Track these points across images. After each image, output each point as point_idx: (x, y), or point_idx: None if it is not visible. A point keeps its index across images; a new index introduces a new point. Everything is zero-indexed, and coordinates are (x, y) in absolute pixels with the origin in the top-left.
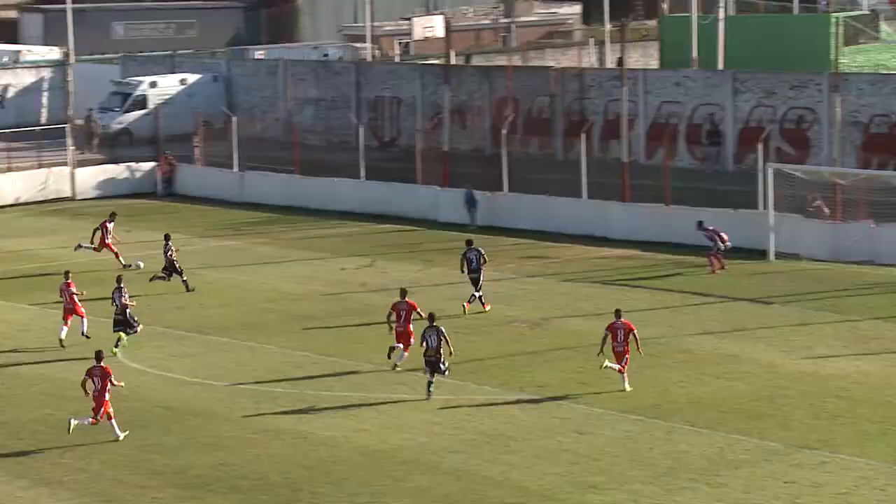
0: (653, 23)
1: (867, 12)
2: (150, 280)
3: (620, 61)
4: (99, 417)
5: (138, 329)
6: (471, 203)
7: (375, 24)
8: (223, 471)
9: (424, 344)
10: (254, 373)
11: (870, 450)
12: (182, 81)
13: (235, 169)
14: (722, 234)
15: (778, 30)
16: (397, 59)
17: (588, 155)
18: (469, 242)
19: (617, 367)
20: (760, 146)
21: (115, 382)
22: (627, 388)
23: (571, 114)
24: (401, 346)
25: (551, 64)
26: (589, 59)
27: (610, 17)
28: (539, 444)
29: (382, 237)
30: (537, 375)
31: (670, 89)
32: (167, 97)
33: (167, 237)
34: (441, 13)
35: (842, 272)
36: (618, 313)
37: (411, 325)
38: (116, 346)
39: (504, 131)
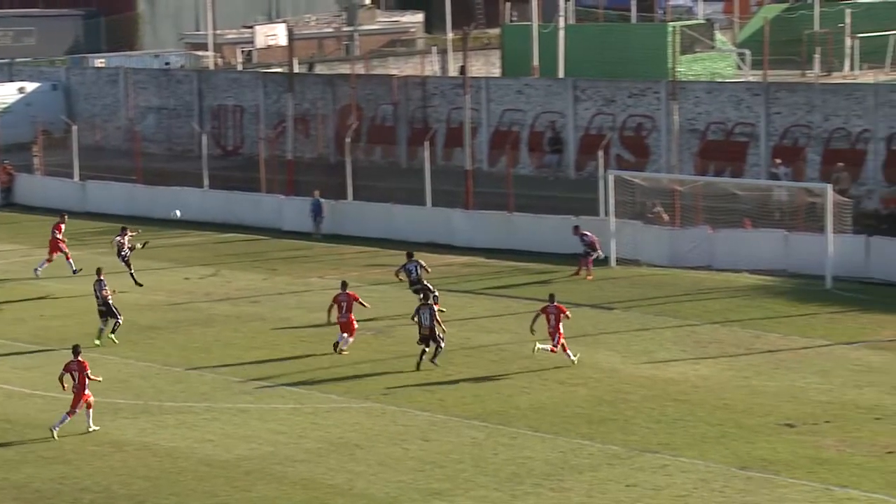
0: (495, 31)
1: (702, 22)
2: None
3: (463, 69)
4: (77, 409)
5: (120, 320)
6: (317, 212)
7: (217, 32)
8: (65, 484)
9: (418, 319)
10: (96, 384)
11: (708, 452)
12: (20, 90)
13: (76, 178)
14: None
15: (616, 38)
16: (240, 67)
17: (432, 163)
18: (409, 255)
19: (548, 347)
20: (601, 153)
21: (92, 377)
22: (574, 359)
23: (415, 122)
24: (345, 335)
25: (394, 72)
26: (432, 67)
27: (452, 26)
28: (384, 452)
29: (226, 246)
30: (382, 383)
31: (512, 97)
32: (5, 106)
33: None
34: (283, 21)
35: (680, 278)
36: (551, 297)
37: (353, 315)
38: (99, 337)
39: (348, 139)
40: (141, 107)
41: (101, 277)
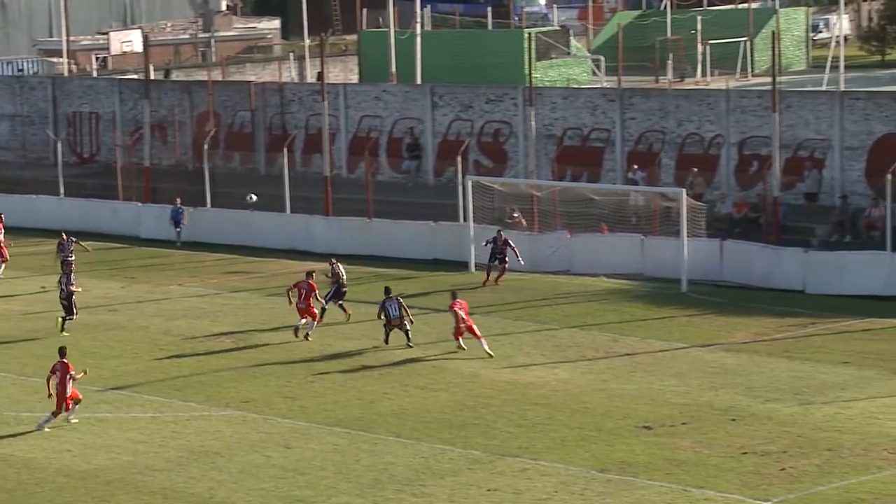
0: (352, 38)
1: (557, 28)
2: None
3: (320, 76)
4: (64, 410)
5: (75, 317)
6: (177, 220)
7: (71, 38)
8: None
9: (384, 316)
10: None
11: (568, 455)
12: None
13: None
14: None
15: (473, 45)
16: (95, 73)
17: (290, 169)
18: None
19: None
20: (459, 159)
21: (76, 375)
22: (489, 351)
23: (273, 128)
24: (304, 320)
25: (252, 78)
26: (289, 73)
27: (309, 32)
28: (246, 460)
29: (83, 254)
30: (243, 390)
31: (370, 103)
32: None
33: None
34: (138, 27)
35: (539, 282)
36: (453, 294)
37: (312, 302)
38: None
39: (205, 146)
40: None
41: (70, 272)
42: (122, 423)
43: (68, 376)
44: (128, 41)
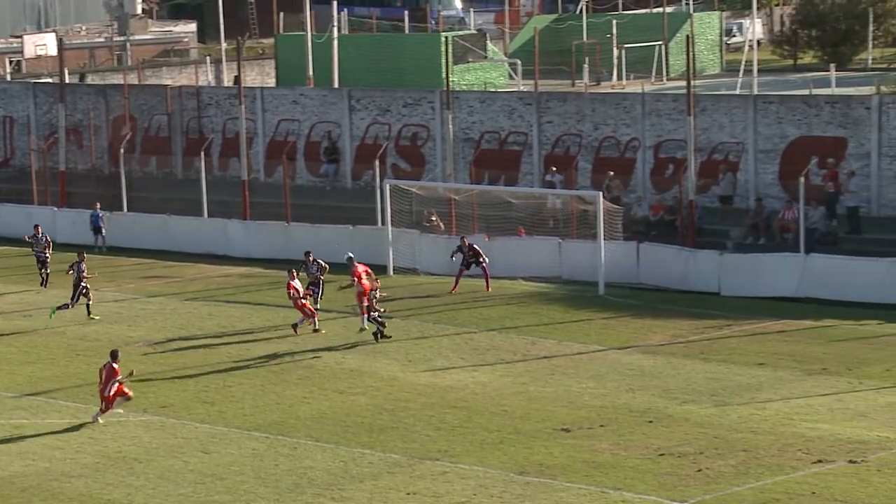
0: (269, 41)
1: (474, 32)
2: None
3: (237, 79)
4: (109, 407)
5: (71, 306)
6: (97, 225)
7: None
8: None
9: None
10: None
11: (487, 458)
12: None
13: None
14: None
15: (390, 49)
16: (8, 77)
17: (208, 173)
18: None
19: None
20: (377, 163)
21: (121, 383)
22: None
23: (190, 132)
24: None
25: (168, 82)
26: (206, 77)
27: (226, 36)
28: (164, 465)
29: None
30: (161, 395)
31: (288, 107)
32: None
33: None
34: (53, 31)
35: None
36: (351, 259)
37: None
38: (89, 312)
39: (122, 150)
40: None
41: (81, 259)
42: (38, 429)
43: (112, 382)
44: (42, 44)
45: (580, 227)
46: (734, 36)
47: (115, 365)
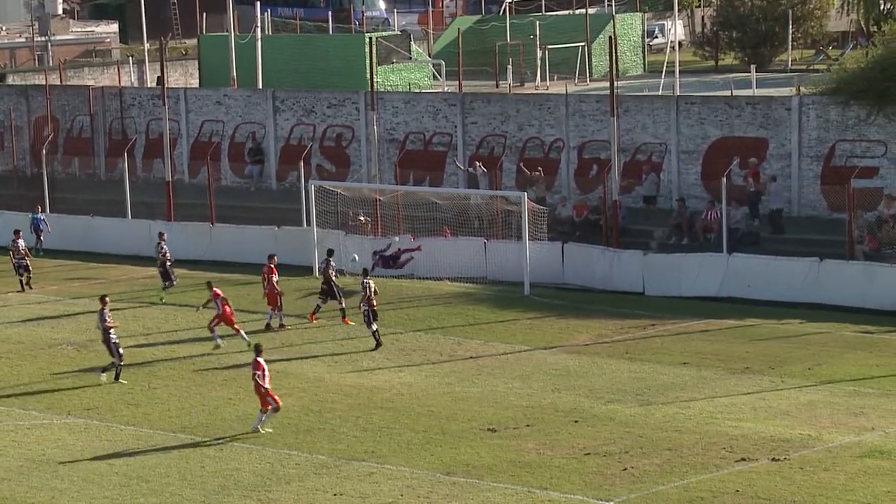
0: (192, 42)
1: (398, 33)
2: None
3: (160, 80)
4: (267, 405)
5: (175, 282)
6: (37, 228)
7: None
8: None
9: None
10: None
11: (414, 459)
12: None
13: None
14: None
15: (314, 49)
16: None
17: (131, 174)
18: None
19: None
20: (301, 164)
21: (260, 381)
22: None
23: (113, 133)
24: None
25: (90, 83)
26: (129, 77)
27: (148, 36)
28: (89, 468)
29: None
30: (85, 398)
31: (212, 108)
32: None
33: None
34: None
35: (383, 286)
36: (210, 284)
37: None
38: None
39: (44, 151)
40: None
41: (162, 240)
42: None
43: (255, 376)
44: None
45: (505, 228)
46: (656, 37)
47: (259, 359)
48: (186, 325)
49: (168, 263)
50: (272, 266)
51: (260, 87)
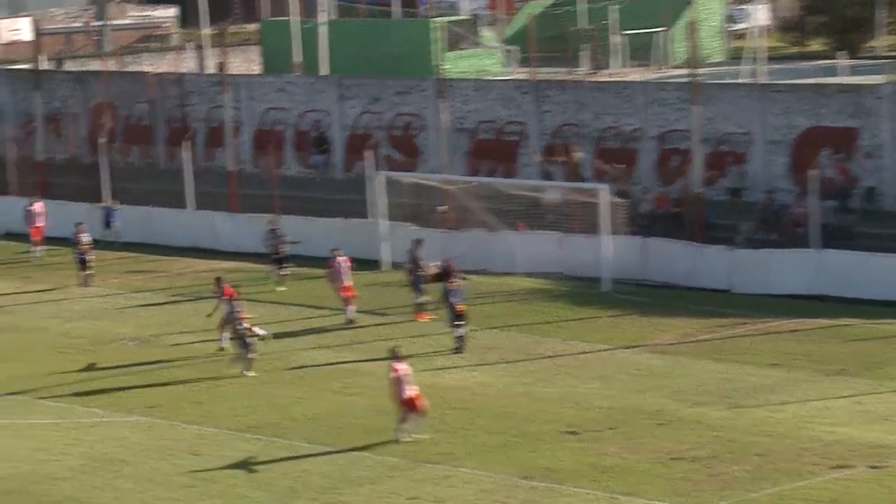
0: (253, 27)
1: (467, 18)
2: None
3: (221, 66)
4: (407, 414)
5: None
6: (109, 220)
7: None
8: None
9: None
10: None
11: (491, 462)
12: None
13: None
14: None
15: (380, 35)
16: None
17: (192, 163)
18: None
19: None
20: (369, 153)
21: (402, 386)
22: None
23: (172, 121)
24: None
25: (149, 69)
26: (188, 63)
27: (208, 21)
28: (153, 468)
29: None
30: (148, 395)
31: (274, 95)
32: None
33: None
34: (28, 15)
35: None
36: (219, 280)
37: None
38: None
39: (102, 139)
40: None
41: (276, 227)
42: (19, 430)
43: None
44: (16, 30)
45: (582, 221)
46: (738, 22)
47: (397, 365)
48: (258, 318)
49: (281, 253)
50: (341, 258)
51: (325, 73)
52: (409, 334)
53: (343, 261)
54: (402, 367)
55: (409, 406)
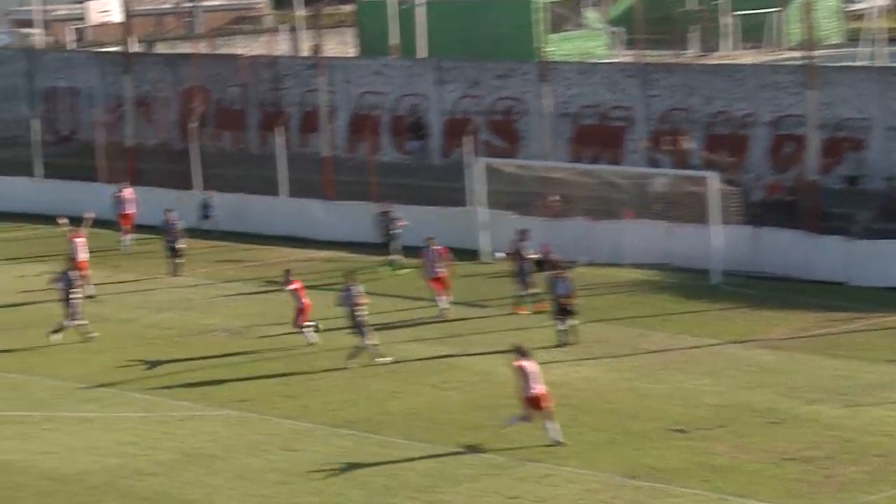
0: (349, 8)
1: None
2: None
3: (316, 49)
4: (530, 413)
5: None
6: (206, 209)
7: (46, 7)
8: None
9: (552, 291)
10: None
11: (595, 460)
12: None
13: None
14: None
15: (480, 16)
16: (72, 46)
17: (286, 149)
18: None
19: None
20: (468, 139)
21: (530, 385)
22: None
23: (266, 105)
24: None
25: (241, 51)
26: (282, 46)
27: (303, 2)
28: (245, 463)
29: (62, 241)
30: (240, 388)
31: (370, 79)
32: None
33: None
34: None
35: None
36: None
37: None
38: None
39: (193, 124)
40: None
41: (390, 210)
42: (108, 423)
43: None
44: (106, 11)
45: (691, 210)
46: (856, 2)
47: (523, 363)
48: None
49: (393, 237)
50: (437, 248)
51: (422, 56)
52: (509, 328)
53: (438, 250)
54: (529, 363)
55: (534, 404)
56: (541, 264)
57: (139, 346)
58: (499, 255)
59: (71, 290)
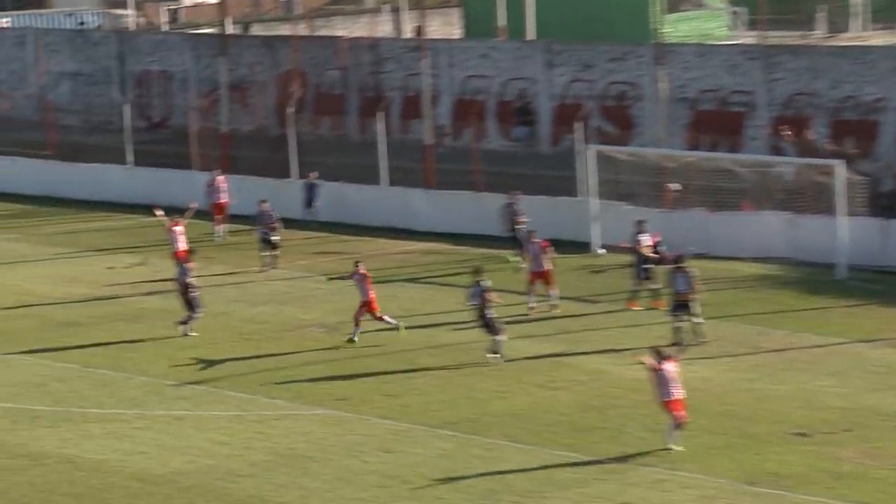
0: None
1: None
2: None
3: (419, 30)
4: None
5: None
6: (311, 196)
7: None
8: None
9: (673, 286)
10: (9, 389)
11: (712, 465)
12: None
13: None
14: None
15: None
16: (165, 27)
17: (387, 136)
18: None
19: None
20: (579, 125)
21: (669, 388)
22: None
23: (366, 90)
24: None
25: (341, 33)
26: (383, 28)
27: None
28: (341, 465)
29: (155, 231)
30: (337, 387)
31: (476, 62)
32: None
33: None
34: None
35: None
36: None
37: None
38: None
39: (290, 110)
40: (53, 72)
41: (512, 200)
42: (201, 422)
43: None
44: None
45: (816, 201)
46: None
47: (663, 366)
48: (450, 306)
49: (518, 231)
50: (538, 242)
51: (531, 38)
52: (622, 324)
53: (540, 244)
54: (668, 366)
55: (673, 408)
56: (661, 258)
57: (234, 342)
58: (601, 250)
59: (188, 282)
